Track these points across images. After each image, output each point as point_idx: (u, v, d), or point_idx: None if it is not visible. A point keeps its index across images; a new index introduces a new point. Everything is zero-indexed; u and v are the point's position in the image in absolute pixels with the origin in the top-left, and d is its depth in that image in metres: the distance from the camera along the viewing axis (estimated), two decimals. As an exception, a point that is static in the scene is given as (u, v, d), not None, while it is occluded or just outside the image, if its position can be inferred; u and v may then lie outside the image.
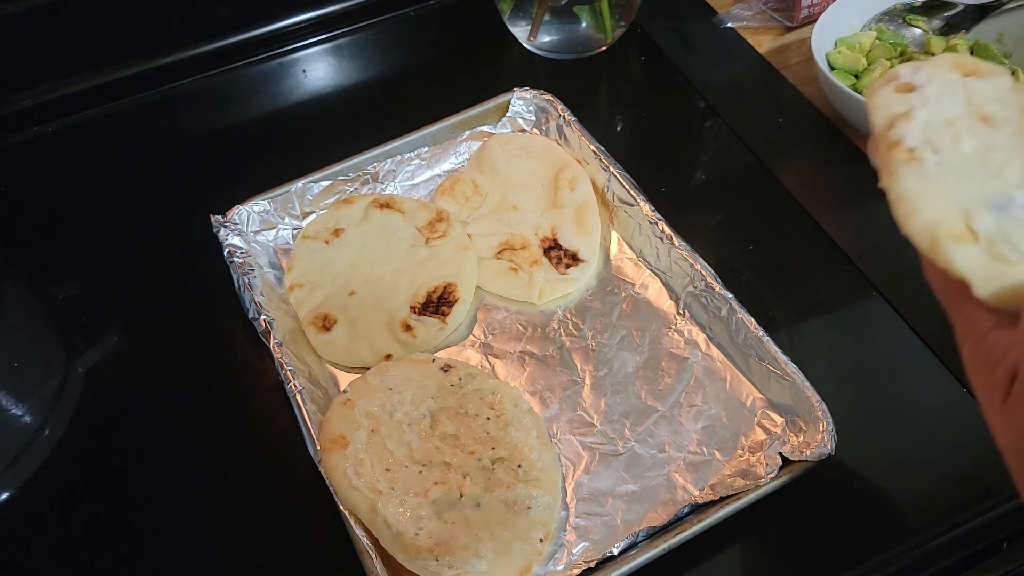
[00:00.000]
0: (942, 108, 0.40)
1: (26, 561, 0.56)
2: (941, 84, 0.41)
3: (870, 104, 0.42)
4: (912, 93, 0.41)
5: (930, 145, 0.38)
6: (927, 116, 0.40)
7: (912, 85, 0.41)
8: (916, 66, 0.42)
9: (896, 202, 0.37)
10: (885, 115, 0.41)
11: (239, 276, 0.64)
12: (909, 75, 0.41)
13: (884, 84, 0.42)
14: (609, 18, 0.80)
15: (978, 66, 0.42)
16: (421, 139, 0.73)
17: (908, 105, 0.40)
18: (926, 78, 0.41)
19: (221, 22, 0.87)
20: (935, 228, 0.36)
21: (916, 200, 0.37)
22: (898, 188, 0.37)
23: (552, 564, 0.51)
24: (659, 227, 0.63)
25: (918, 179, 0.38)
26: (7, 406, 0.64)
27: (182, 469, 0.59)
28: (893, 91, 0.41)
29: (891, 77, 0.42)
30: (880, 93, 0.41)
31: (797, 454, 0.51)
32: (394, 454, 0.54)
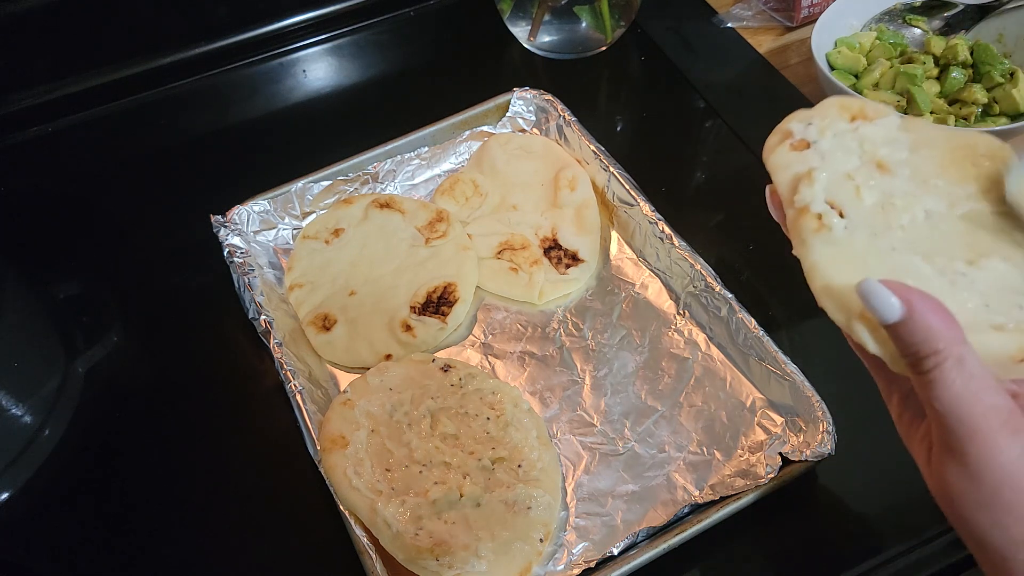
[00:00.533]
0: (839, 162, 0.40)
1: (26, 561, 0.56)
2: (833, 135, 0.42)
3: (769, 166, 0.41)
4: (808, 150, 0.41)
5: (836, 207, 0.38)
6: (827, 176, 0.40)
7: (807, 141, 0.41)
8: (806, 117, 0.42)
9: (809, 273, 0.37)
10: (788, 178, 0.41)
11: (239, 276, 0.64)
12: (802, 131, 0.41)
13: (779, 143, 0.42)
14: (609, 18, 0.80)
15: (863, 108, 0.42)
16: (421, 139, 0.73)
17: (807, 165, 0.40)
18: (818, 132, 0.41)
19: (221, 22, 0.87)
20: (847, 306, 0.36)
21: (827, 273, 0.37)
22: (810, 259, 0.37)
23: (552, 564, 0.51)
24: (659, 227, 0.63)
25: (828, 248, 0.38)
26: (7, 406, 0.64)
27: (182, 469, 0.59)
28: (789, 150, 0.41)
29: (784, 135, 0.42)
30: (777, 153, 0.42)
31: (797, 454, 0.51)
32: (394, 454, 0.54)
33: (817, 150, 0.41)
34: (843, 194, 0.40)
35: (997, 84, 0.68)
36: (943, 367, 0.31)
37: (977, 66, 0.71)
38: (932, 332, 0.31)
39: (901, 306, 0.32)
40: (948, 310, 0.32)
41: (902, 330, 0.32)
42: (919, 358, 0.32)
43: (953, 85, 0.70)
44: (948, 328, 0.31)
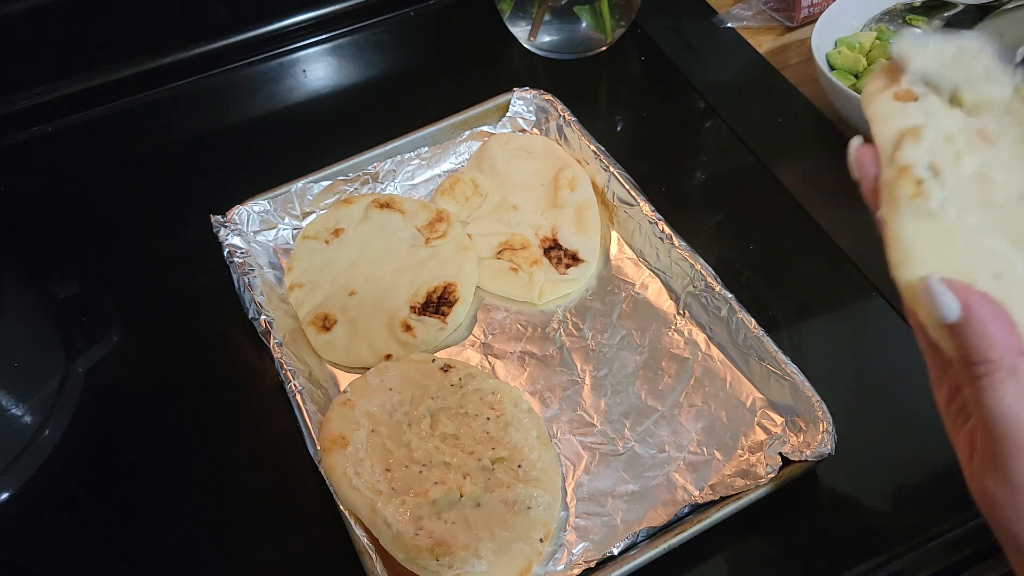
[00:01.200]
0: (943, 121, 0.38)
1: (26, 561, 0.56)
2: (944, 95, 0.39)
3: (868, 113, 0.39)
4: (915, 103, 0.38)
5: (935, 174, 0.36)
6: (933, 135, 0.37)
7: (914, 93, 0.38)
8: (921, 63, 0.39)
9: (892, 242, 0.36)
10: (891, 131, 0.38)
11: (239, 276, 0.64)
12: (909, 79, 0.39)
13: (883, 89, 0.39)
14: (609, 18, 0.80)
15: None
16: (421, 139, 0.73)
17: (914, 120, 0.37)
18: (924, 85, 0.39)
19: (221, 22, 0.87)
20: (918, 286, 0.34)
21: (913, 248, 0.35)
22: (899, 229, 0.35)
23: (552, 564, 0.51)
24: (659, 227, 0.63)
25: (919, 221, 0.35)
26: (7, 406, 0.63)
27: (182, 469, 0.59)
28: (893, 99, 0.39)
29: (891, 78, 0.39)
30: (879, 101, 0.39)
31: (797, 454, 0.51)
32: (394, 454, 0.54)
33: (924, 106, 0.38)
34: (943, 158, 0.37)
35: (997, 84, 0.68)
36: (995, 376, 0.31)
37: (977, 66, 0.71)
38: (988, 339, 0.31)
39: (960, 308, 0.31)
40: (1009, 318, 0.32)
41: (959, 332, 0.32)
42: (972, 362, 0.31)
43: (953, 85, 0.70)
44: (1006, 337, 0.31)
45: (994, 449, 0.32)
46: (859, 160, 0.38)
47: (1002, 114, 0.39)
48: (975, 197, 0.36)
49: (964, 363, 0.32)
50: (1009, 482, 0.31)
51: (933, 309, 0.32)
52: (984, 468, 0.33)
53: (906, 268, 0.34)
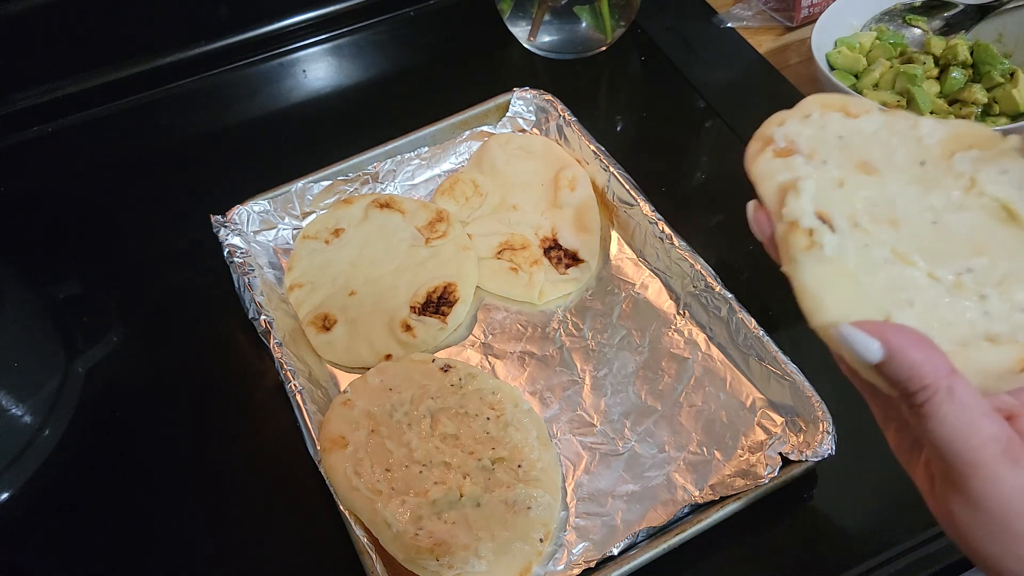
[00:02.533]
0: (826, 166, 0.38)
1: (26, 561, 0.56)
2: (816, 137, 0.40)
3: (752, 176, 0.39)
4: (793, 157, 0.39)
5: (826, 219, 0.36)
6: (815, 184, 0.37)
7: (790, 148, 0.39)
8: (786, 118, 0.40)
9: (800, 294, 0.36)
10: (773, 188, 0.38)
11: (239, 276, 0.64)
12: (783, 135, 0.39)
13: (761, 150, 0.40)
14: (609, 18, 0.80)
15: (846, 105, 0.40)
16: (421, 139, 0.73)
17: (793, 173, 0.38)
18: (800, 134, 0.39)
19: (221, 22, 0.87)
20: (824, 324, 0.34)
21: (820, 296, 0.35)
22: (801, 280, 0.36)
23: (552, 564, 0.51)
24: (659, 227, 0.63)
25: (820, 268, 0.35)
26: (7, 406, 0.63)
27: (182, 469, 0.59)
28: (773, 156, 0.39)
29: (766, 141, 0.40)
30: (760, 162, 0.39)
31: (797, 454, 0.51)
32: (394, 454, 0.54)
33: (802, 155, 0.39)
34: (832, 201, 0.37)
35: (997, 84, 0.68)
36: (934, 400, 0.30)
37: (977, 66, 0.71)
38: (917, 368, 0.31)
39: (880, 347, 0.31)
40: (930, 342, 0.32)
41: (887, 369, 0.31)
42: (908, 394, 0.31)
43: (953, 85, 0.70)
44: (933, 360, 0.31)
45: (950, 474, 0.31)
46: (756, 222, 0.39)
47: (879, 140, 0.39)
48: (873, 232, 0.37)
49: (903, 396, 0.32)
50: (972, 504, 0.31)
51: (856, 355, 0.32)
52: (945, 494, 0.32)
53: (819, 316, 0.35)
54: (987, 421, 0.30)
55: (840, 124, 0.40)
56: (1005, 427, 0.31)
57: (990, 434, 0.30)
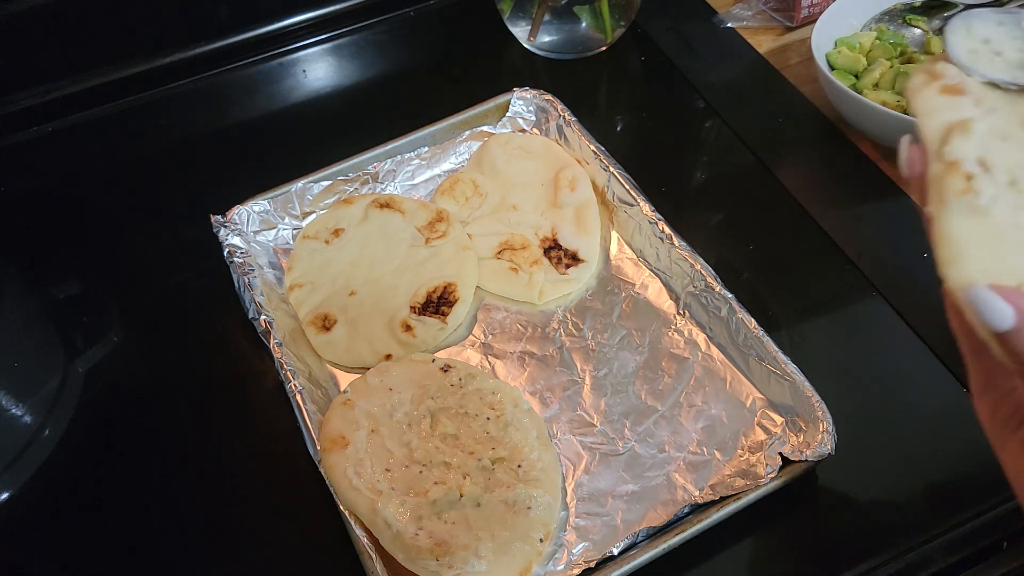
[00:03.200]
0: (995, 116, 0.36)
1: (26, 561, 0.56)
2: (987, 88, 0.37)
3: (914, 107, 0.37)
4: (963, 96, 0.37)
5: (986, 169, 0.34)
6: (984, 129, 0.35)
7: (960, 86, 0.37)
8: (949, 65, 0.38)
9: (940, 240, 0.34)
10: (938, 123, 0.36)
11: (239, 276, 0.64)
12: (956, 74, 0.37)
13: (927, 83, 0.38)
14: (609, 18, 0.80)
15: None
16: (421, 139, 0.73)
17: (963, 112, 0.36)
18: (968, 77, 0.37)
19: (221, 22, 0.87)
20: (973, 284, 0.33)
21: (964, 246, 0.33)
22: (947, 226, 0.34)
23: (552, 564, 0.51)
24: (659, 227, 0.63)
25: (970, 218, 0.34)
26: (7, 406, 0.64)
27: (182, 469, 0.59)
28: (940, 92, 0.37)
29: (933, 75, 0.38)
30: (925, 94, 0.37)
31: (797, 454, 0.51)
32: (394, 454, 0.54)
33: (972, 97, 0.37)
34: (994, 152, 0.35)
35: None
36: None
37: (977, 66, 0.71)
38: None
39: (1013, 314, 0.30)
40: None
41: (1013, 339, 0.30)
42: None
43: (953, 85, 0.70)
44: None
45: None
46: (909, 158, 0.37)
47: None
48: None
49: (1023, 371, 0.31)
50: None
51: (985, 319, 0.31)
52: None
53: (956, 267, 0.33)
54: None
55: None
56: None
57: None
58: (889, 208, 0.68)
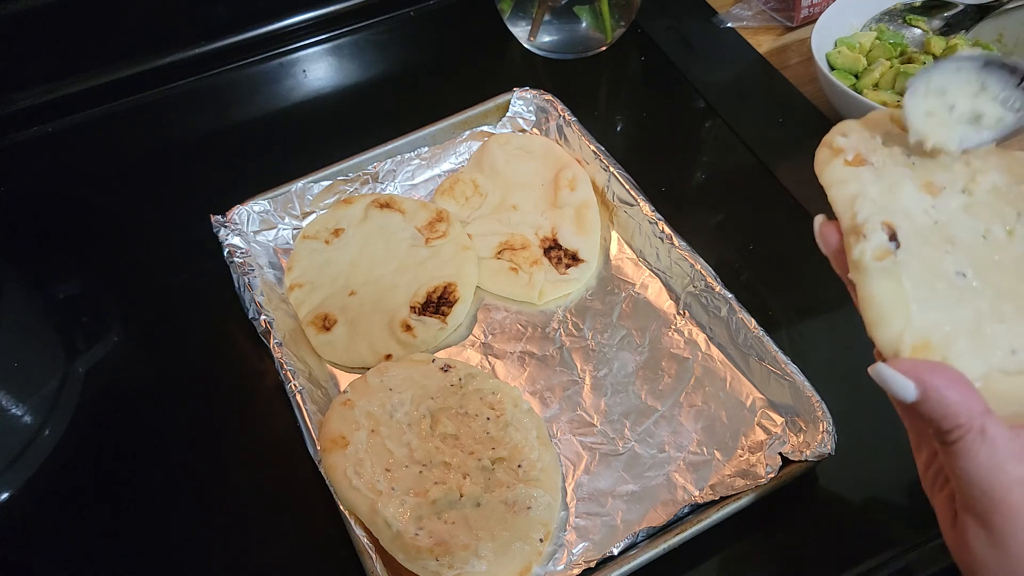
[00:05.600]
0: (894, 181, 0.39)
1: (26, 561, 0.56)
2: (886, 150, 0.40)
3: (823, 181, 0.39)
4: (865, 167, 0.39)
5: (893, 234, 0.37)
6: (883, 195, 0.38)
7: (862, 157, 0.39)
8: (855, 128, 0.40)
9: (863, 305, 0.36)
10: (846, 195, 0.38)
11: (239, 276, 0.64)
12: (854, 144, 0.40)
13: (831, 157, 0.40)
14: (609, 18, 0.80)
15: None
16: (421, 139, 0.73)
17: (864, 183, 0.38)
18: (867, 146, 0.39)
19: (221, 22, 0.87)
20: (900, 343, 0.35)
21: (884, 308, 0.35)
22: (867, 291, 0.36)
23: (552, 564, 0.51)
24: (659, 227, 0.63)
25: (886, 281, 0.36)
26: (7, 406, 0.64)
27: (182, 469, 0.59)
28: (844, 164, 0.39)
29: (835, 149, 0.40)
30: (831, 168, 0.39)
31: (797, 454, 0.51)
32: (394, 454, 0.54)
33: (872, 167, 0.39)
34: (899, 216, 0.38)
35: (997, 84, 0.68)
36: (966, 440, 0.31)
37: (977, 66, 0.71)
38: (951, 408, 0.31)
39: (915, 388, 0.32)
40: (966, 381, 0.32)
41: (921, 408, 0.32)
42: (941, 432, 0.32)
43: (953, 85, 0.70)
44: (967, 401, 0.31)
45: (975, 509, 0.32)
46: (823, 235, 0.39)
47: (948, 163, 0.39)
48: (934, 251, 0.37)
49: (936, 432, 0.33)
50: (992, 540, 0.31)
51: (892, 393, 0.33)
52: (965, 528, 0.33)
53: (880, 329, 0.35)
54: (1016, 463, 0.31)
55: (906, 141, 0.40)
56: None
57: (1018, 476, 0.31)
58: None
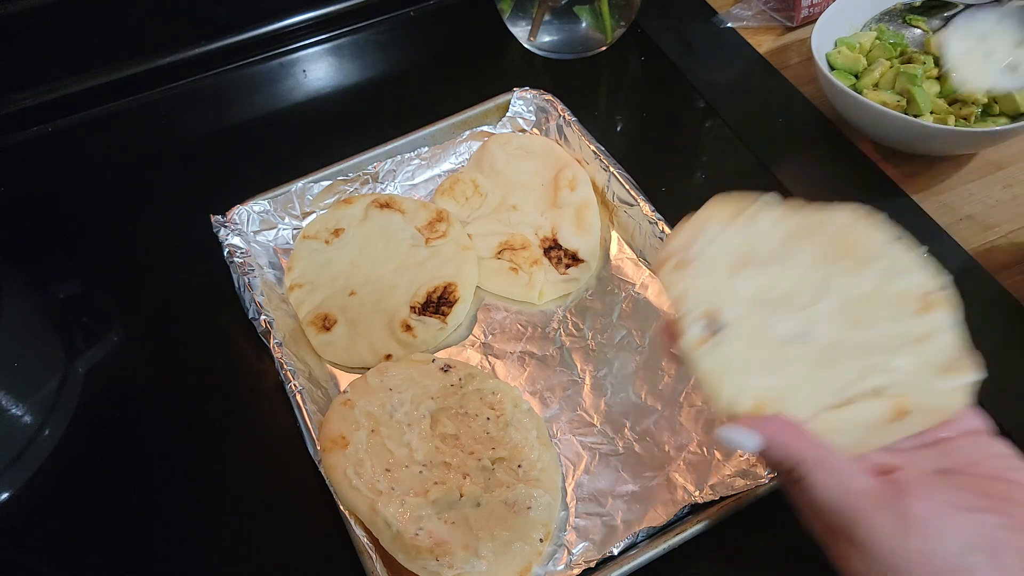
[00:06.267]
0: (719, 267, 0.44)
1: (26, 561, 0.56)
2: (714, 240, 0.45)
3: (662, 285, 0.45)
4: (690, 266, 0.44)
5: (715, 317, 0.42)
6: (707, 286, 0.43)
7: (686, 261, 0.44)
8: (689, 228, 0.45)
9: (701, 384, 0.41)
10: (673, 296, 0.44)
11: (239, 276, 0.64)
12: (684, 247, 0.45)
13: (664, 262, 0.45)
14: (609, 18, 0.80)
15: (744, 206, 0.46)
16: (421, 139, 0.73)
17: (687, 281, 0.44)
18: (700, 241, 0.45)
19: (221, 22, 0.87)
20: (736, 408, 0.40)
21: (714, 383, 0.41)
22: (697, 372, 0.41)
23: (552, 564, 0.51)
24: (659, 227, 0.63)
25: (714, 360, 0.41)
26: (7, 406, 0.64)
27: (182, 469, 0.59)
28: (674, 268, 0.44)
29: (669, 253, 0.45)
30: (662, 275, 0.45)
31: (797, 454, 0.51)
32: (394, 454, 0.54)
33: (694, 264, 0.44)
34: (725, 299, 0.43)
35: (997, 84, 0.68)
36: (809, 472, 0.35)
37: (977, 66, 0.71)
38: (790, 449, 0.36)
39: (757, 439, 0.37)
40: (796, 426, 0.37)
41: (767, 455, 0.37)
42: (788, 471, 0.36)
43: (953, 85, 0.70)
44: (801, 439, 0.36)
45: (841, 529, 0.35)
46: (661, 337, 0.46)
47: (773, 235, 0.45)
48: (756, 317, 0.43)
49: (785, 476, 0.37)
50: (863, 552, 0.34)
51: (741, 448, 0.38)
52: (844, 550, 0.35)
53: (717, 400, 0.40)
54: (856, 479, 0.35)
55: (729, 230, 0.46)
56: (871, 480, 0.35)
57: (860, 488, 0.35)
58: (889, 208, 0.68)
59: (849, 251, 0.45)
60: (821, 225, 0.46)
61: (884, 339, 0.42)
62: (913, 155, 0.71)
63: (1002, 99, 0.68)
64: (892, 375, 0.41)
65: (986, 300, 0.61)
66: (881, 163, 0.71)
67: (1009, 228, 0.66)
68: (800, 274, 0.44)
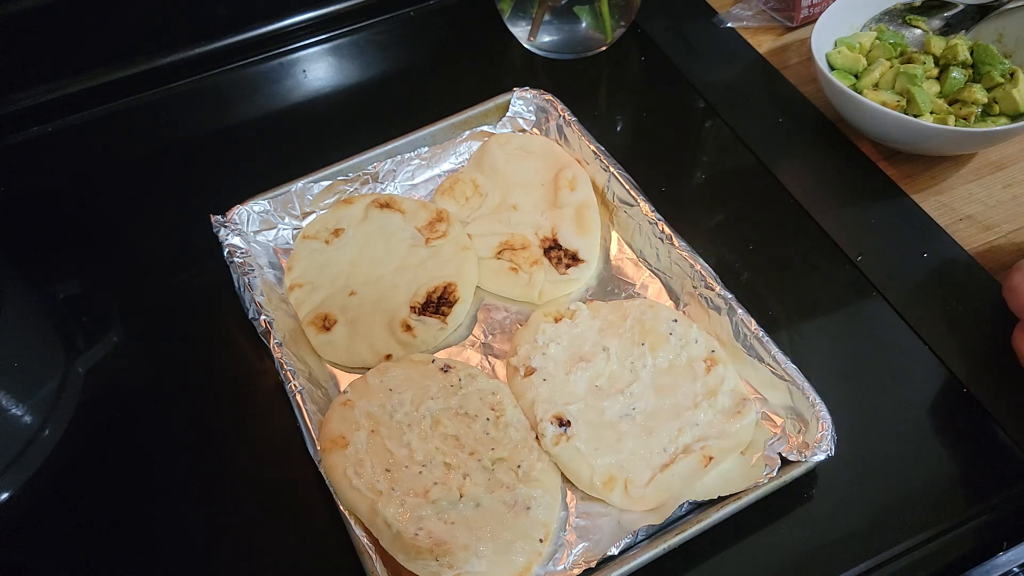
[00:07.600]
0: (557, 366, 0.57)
1: (26, 561, 0.56)
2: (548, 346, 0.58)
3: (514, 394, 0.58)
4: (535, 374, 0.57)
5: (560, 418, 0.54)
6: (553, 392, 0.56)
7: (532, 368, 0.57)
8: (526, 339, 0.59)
9: (565, 472, 0.53)
10: (526, 403, 0.56)
11: (239, 276, 0.64)
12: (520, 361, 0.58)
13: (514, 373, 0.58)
14: (609, 18, 0.80)
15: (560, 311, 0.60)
16: (421, 139, 0.73)
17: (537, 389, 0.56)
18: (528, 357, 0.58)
19: (221, 22, 0.87)
20: (592, 486, 0.52)
21: (571, 470, 0.53)
22: (560, 464, 0.54)
23: (552, 564, 0.51)
24: (659, 227, 0.63)
25: (565, 452, 0.53)
26: (7, 406, 0.64)
27: (182, 469, 0.59)
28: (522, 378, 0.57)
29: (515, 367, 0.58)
30: (513, 384, 0.58)
31: (797, 454, 0.51)
32: (394, 454, 0.54)
33: (541, 369, 0.57)
34: (563, 396, 0.55)
35: (997, 84, 0.68)
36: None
37: (977, 66, 0.71)
38: None
39: None
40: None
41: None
42: None
43: (953, 85, 0.70)
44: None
45: None
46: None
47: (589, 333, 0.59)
48: (595, 409, 0.55)
49: None
50: None
51: None
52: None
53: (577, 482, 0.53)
54: None
55: (559, 331, 0.59)
56: None
57: None
58: (889, 208, 0.68)
59: (647, 335, 0.57)
60: (622, 318, 0.58)
61: (687, 399, 0.54)
62: (913, 155, 0.71)
63: (1002, 99, 0.68)
64: (697, 429, 0.53)
65: (986, 300, 0.61)
66: (881, 163, 0.71)
67: (1009, 228, 0.66)
68: (616, 361, 0.57)
